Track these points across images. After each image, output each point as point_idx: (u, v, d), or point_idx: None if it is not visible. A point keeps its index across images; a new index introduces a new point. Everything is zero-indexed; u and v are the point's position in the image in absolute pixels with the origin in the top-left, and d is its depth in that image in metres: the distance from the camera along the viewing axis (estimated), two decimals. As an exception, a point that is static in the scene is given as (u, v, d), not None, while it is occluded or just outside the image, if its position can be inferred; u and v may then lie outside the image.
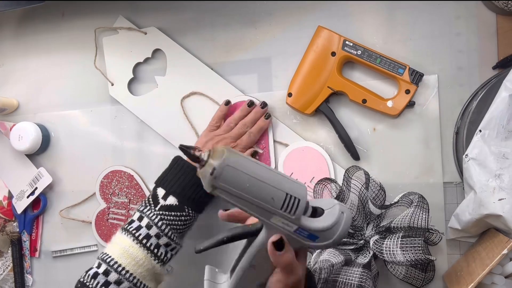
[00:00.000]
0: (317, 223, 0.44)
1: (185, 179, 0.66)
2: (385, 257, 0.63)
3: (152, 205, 0.66)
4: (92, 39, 0.83)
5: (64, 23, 0.86)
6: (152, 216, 0.64)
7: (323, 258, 0.66)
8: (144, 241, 0.63)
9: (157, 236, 0.64)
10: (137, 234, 0.63)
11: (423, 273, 0.68)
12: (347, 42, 0.70)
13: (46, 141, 0.85)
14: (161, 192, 0.66)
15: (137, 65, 0.81)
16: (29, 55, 0.88)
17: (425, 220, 0.62)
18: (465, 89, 0.69)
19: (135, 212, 0.67)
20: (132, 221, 0.66)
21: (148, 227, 0.64)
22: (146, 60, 0.81)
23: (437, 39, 0.70)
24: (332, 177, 0.73)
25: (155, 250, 0.64)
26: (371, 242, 0.66)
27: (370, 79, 0.72)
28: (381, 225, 0.67)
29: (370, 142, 0.73)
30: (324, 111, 0.71)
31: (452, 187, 0.70)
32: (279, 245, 0.44)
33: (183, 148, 0.41)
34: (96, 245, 0.84)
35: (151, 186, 0.81)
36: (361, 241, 0.68)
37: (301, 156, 0.74)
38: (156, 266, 0.65)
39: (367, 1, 0.72)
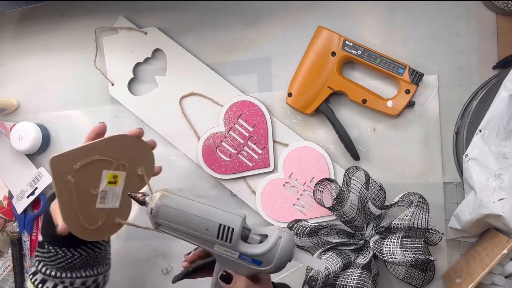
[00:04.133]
0: (255, 249, 0.49)
1: (43, 218, 0.64)
2: (385, 257, 0.63)
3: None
4: (92, 39, 0.83)
5: (64, 23, 0.86)
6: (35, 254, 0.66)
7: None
8: (31, 276, 0.64)
9: (34, 273, 0.64)
10: (29, 272, 0.65)
11: (423, 273, 0.68)
12: (347, 42, 0.70)
13: (46, 141, 0.85)
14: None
15: (137, 65, 0.81)
16: (29, 55, 0.88)
17: (425, 220, 0.62)
18: (465, 89, 0.69)
19: None
20: None
21: (33, 264, 0.66)
22: (146, 60, 0.81)
23: (437, 39, 0.70)
24: (332, 177, 0.73)
25: (40, 285, 0.63)
26: (371, 242, 0.67)
27: (370, 79, 0.72)
28: (381, 225, 0.67)
29: (370, 142, 0.73)
30: (324, 111, 0.72)
31: (452, 187, 0.70)
32: (226, 278, 0.51)
33: (131, 195, 0.51)
34: (96, 245, 0.84)
35: (152, 186, 0.82)
36: (361, 241, 0.68)
37: (301, 156, 0.74)
38: None
39: (367, 1, 0.72)
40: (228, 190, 0.78)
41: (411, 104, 0.69)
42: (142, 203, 0.51)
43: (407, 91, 0.68)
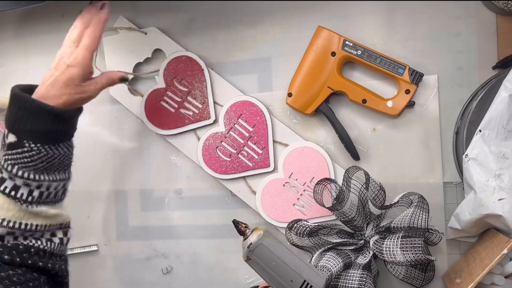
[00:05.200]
0: None
1: (18, 111, 0.57)
2: (385, 257, 0.63)
3: (0, 146, 0.59)
4: (92, 39, 0.83)
5: (64, 23, 0.85)
6: None
7: (322, 264, 0.66)
8: None
9: (11, 178, 0.57)
10: None
11: (423, 273, 0.68)
12: (347, 42, 0.70)
13: (46, 141, 0.85)
14: (6, 131, 0.59)
15: (137, 65, 0.81)
16: (29, 55, 0.87)
17: (425, 220, 0.62)
18: (465, 89, 0.69)
19: None
20: None
21: None
22: (146, 60, 0.81)
23: (437, 39, 0.70)
24: (332, 177, 0.73)
25: (12, 193, 0.56)
26: (371, 242, 0.67)
27: (370, 79, 0.72)
28: (381, 225, 0.67)
29: (370, 142, 0.73)
30: (324, 111, 0.72)
31: (452, 187, 0.70)
32: None
33: (234, 222, 0.52)
34: (96, 245, 0.84)
35: (152, 186, 0.82)
36: (361, 241, 0.68)
37: (301, 156, 0.74)
38: (24, 207, 0.57)
39: (367, 2, 0.72)
40: (228, 190, 0.78)
41: (411, 104, 0.69)
42: (242, 233, 0.52)
43: (407, 91, 0.68)
